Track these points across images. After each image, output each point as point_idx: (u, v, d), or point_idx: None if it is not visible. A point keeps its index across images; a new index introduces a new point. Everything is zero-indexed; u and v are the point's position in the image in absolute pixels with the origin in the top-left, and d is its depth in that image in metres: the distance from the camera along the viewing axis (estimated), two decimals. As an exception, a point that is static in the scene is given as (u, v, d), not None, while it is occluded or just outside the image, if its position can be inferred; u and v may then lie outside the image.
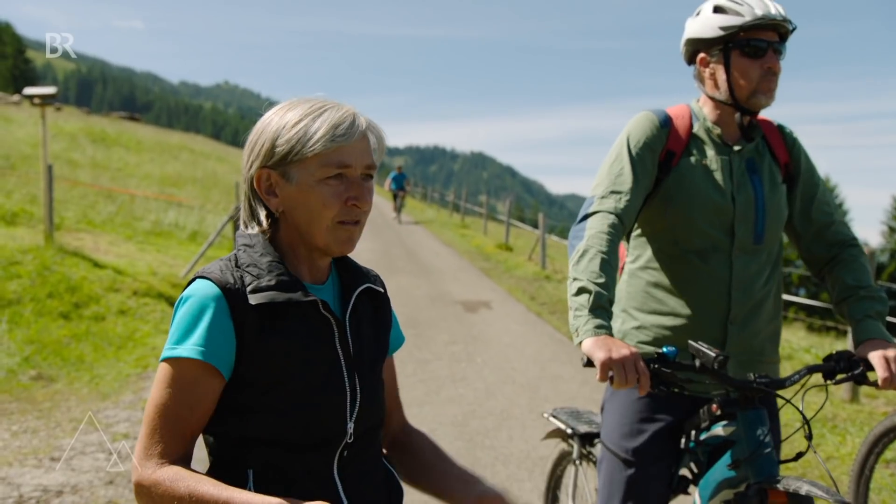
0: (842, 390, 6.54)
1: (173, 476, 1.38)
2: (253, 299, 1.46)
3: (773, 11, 2.20)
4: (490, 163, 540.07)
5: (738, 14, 2.22)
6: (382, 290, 1.74)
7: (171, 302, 8.99)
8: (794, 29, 2.26)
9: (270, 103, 1.57)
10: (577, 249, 2.16)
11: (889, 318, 8.45)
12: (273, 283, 1.48)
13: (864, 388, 6.62)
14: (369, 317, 1.67)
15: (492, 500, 1.59)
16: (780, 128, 2.48)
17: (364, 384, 1.59)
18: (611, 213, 2.23)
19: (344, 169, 1.50)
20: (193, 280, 1.51)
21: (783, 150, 2.45)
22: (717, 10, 2.27)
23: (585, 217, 2.26)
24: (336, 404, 1.54)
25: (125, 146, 29.97)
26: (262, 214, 1.56)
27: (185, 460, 1.45)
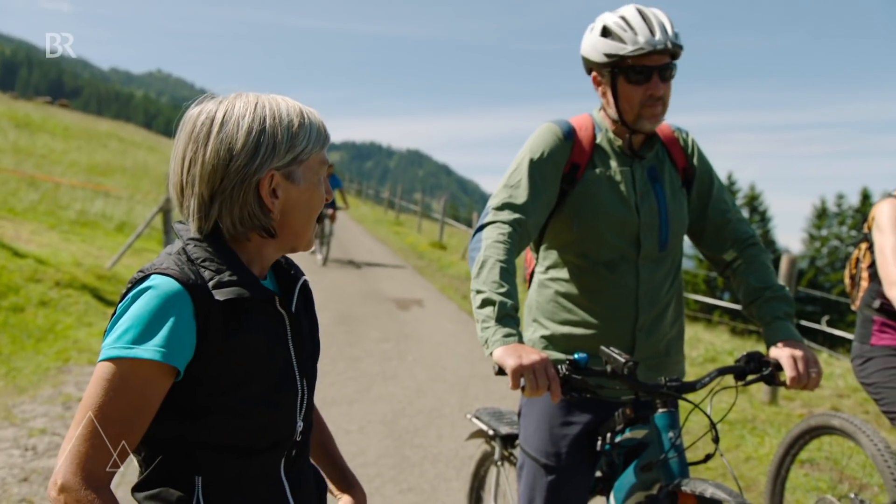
0: (761, 392, 6.73)
1: None
2: (219, 295, 1.39)
3: (657, 37, 2.18)
4: (426, 161, 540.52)
5: (622, 41, 2.21)
6: (308, 282, 1.72)
7: (95, 294, 8.75)
8: (682, 48, 2.25)
9: (208, 95, 1.49)
10: (477, 261, 2.15)
11: (807, 323, 8.66)
12: (235, 278, 1.41)
13: (784, 391, 6.82)
14: (304, 311, 1.64)
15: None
16: (677, 131, 2.50)
17: (309, 381, 1.58)
18: (505, 223, 2.22)
19: (326, 166, 1.54)
20: (145, 276, 1.39)
21: (681, 155, 2.47)
22: (605, 32, 2.26)
23: (481, 227, 2.26)
24: (289, 403, 1.51)
25: (51, 132, 29.04)
26: (265, 217, 1.45)
27: (112, 477, 1.34)
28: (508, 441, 2.87)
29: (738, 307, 2.54)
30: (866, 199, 42.63)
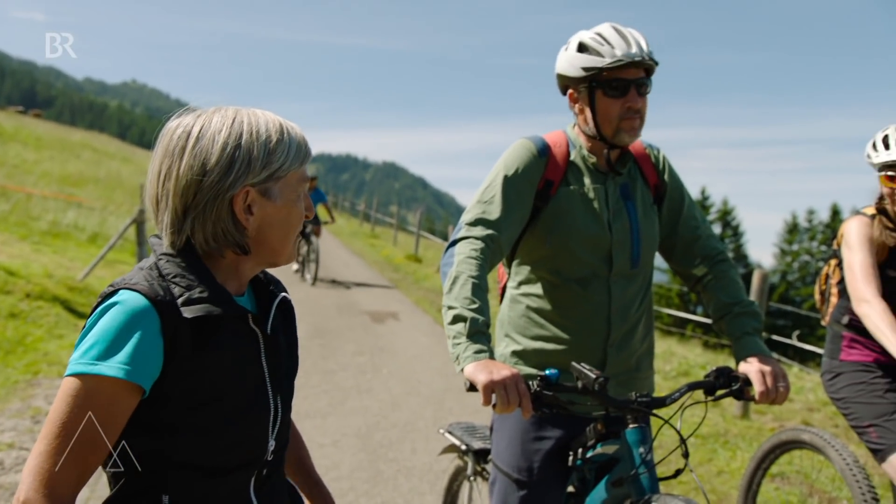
0: (733, 406, 6.78)
1: None
2: (187, 312, 1.36)
3: (633, 51, 2.22)
4: (402, 173, 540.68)
5: (599, 55, 2.23)
6: (290, 297, 1.70)
7: (66, 306, 8.65)
8: (656, 64, 2.29)
9: (189, 108, 1.47)
10: (449, 276, 2.15)
11: (777, 337, 8.74)
12: (206, 294, 1.39)
13: (755, 405, 6.88)
14: (282, 328, 1.63)
15: None
16: (648, 148, 2.53)
17: (284, 399, 1.56)
18: (478, 238, 2.22)
19: (307, 183, 1.52)
20: (114, 291, 1.38)
21: (652, 172, 2.49)
22: (581, 48, 2.28)
23: (454, 243, 2.26)
24: (261, 422, 1.49)
25: (23, 142, 28.75)
26: (239, 234, 1.43)
27: (76, 496, 1.33)
28: (481, 456, 2.87)
29: (710, 321, 2.55)
30: (836, 214, 43.24)
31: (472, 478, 2.92)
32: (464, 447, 2.92)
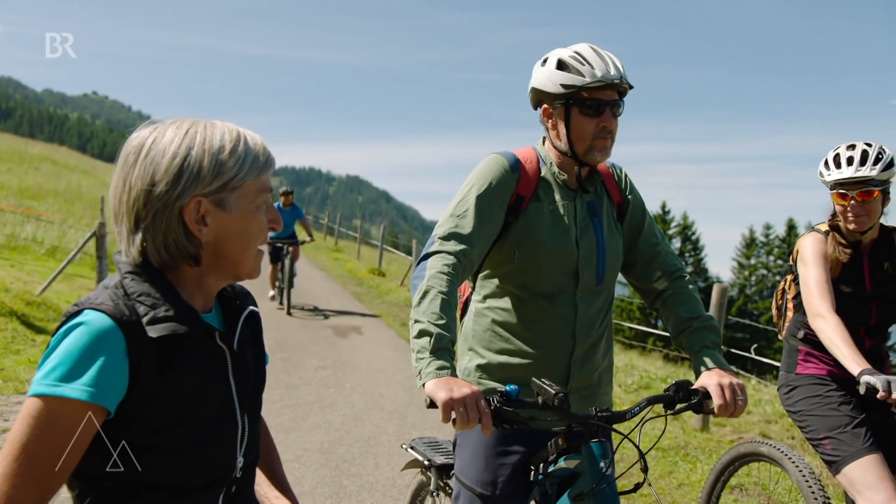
0: (693, 420, 6.86)
1: None
2: (152, 331, 1.35)
3: (612, 73, 2.26)
4: (366, 187, 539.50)
5: (579, 74, 2.27)
6: (258, 310, 1.68)
7: (24, 321, 8.49)
8: (631, 87, 2.34)
9: (152, 120, 1.47)
10: (419, 289, 2.15)
11: (736, 350, 8.86)
12: (171, 313, 1.38)
13: (715, 418, 6.96)
14: (250, 341, 1.61)
15: None
16: (612, 167, 2.57)
17: (251, 415, 1.55)
18: (450, 253, 2.23)
19: (268, 193, 1.49)
20: (79, 311, 1.36)
21: (616, 190, 2.54)
22: (561, 65, 2.31)
23: (426, 256, 2.26)
24: (229, 439, 1.49)
25: (-21, 154, 28.22)
26: (192, 245, 1.42)
27: None
28: (444, 471, 2.87)
29: (670, 336, 2.58)
30: (792, 229, 44.08)
31: (434, 493, 2.92)
32: (426, 462, 2.92)
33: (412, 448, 3.06)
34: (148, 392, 1.35)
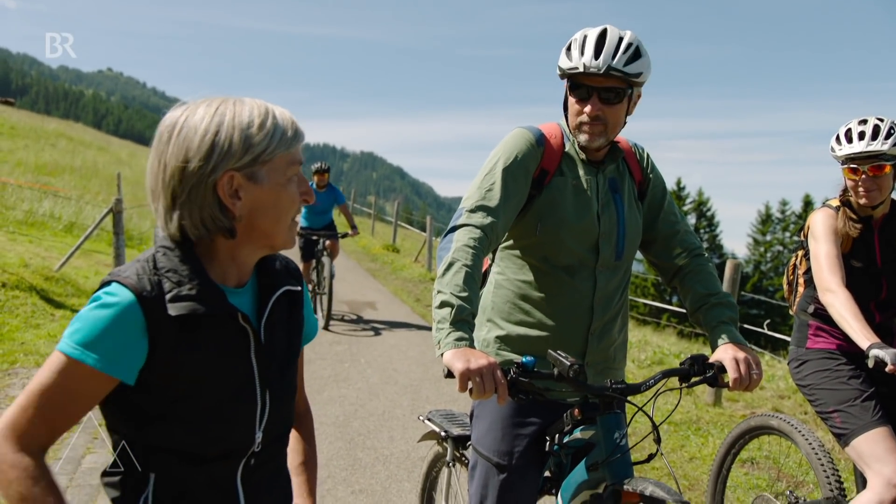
0: (705, 394, 6.91)
1: (29, 471, 1.37)
2: (172, 309, 1.41)
3: (595, 61, 2.24)
4: (380, 163, 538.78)
5: (569, 59, 2.31)
6: (299, 288, 1.70)
7: (43, 296, 8.61)
8: (630, 77, 2.27)
9: (182, 102, 1.51)
10: (444, 261, 2.18)
11: (750, 327, 8.84)
12: (194, 292, 1.43)
13: (727, 393, 7.01)
14: (284, 319, 1.64)
15: None
16: (634, 146, 2.60)
17: (274, 393, 1.58)
18: (477, 227, 2.25)
19: (299, 166, 1.53)
20: (108, 282, 1.44)
21: (637, 169, 2.57)
22: (568, 48, 2.35)
23: (454, 229, 2.29)
24: (246, 416, 1.53)
25: (-4, 131, 28.38)
26: (226, 218, 1.46)
27: (44, 450, 1.43)
28: (460, 442, 2.93)
29: (685, 311, 2.62)
30: (808, 205, 43.73)
31: (451, 463, 2.97)
32: (443, 433, 2.98)
33: (429, 420, 3.11)
34: (164, 365, 1.43)
